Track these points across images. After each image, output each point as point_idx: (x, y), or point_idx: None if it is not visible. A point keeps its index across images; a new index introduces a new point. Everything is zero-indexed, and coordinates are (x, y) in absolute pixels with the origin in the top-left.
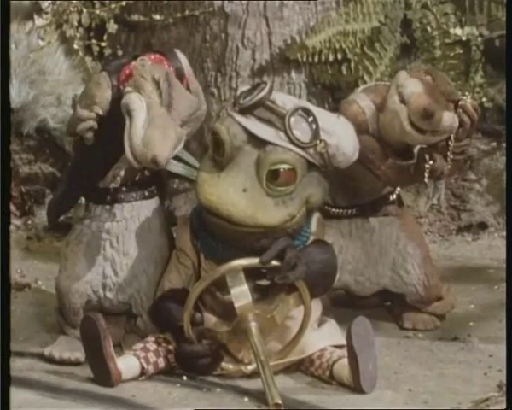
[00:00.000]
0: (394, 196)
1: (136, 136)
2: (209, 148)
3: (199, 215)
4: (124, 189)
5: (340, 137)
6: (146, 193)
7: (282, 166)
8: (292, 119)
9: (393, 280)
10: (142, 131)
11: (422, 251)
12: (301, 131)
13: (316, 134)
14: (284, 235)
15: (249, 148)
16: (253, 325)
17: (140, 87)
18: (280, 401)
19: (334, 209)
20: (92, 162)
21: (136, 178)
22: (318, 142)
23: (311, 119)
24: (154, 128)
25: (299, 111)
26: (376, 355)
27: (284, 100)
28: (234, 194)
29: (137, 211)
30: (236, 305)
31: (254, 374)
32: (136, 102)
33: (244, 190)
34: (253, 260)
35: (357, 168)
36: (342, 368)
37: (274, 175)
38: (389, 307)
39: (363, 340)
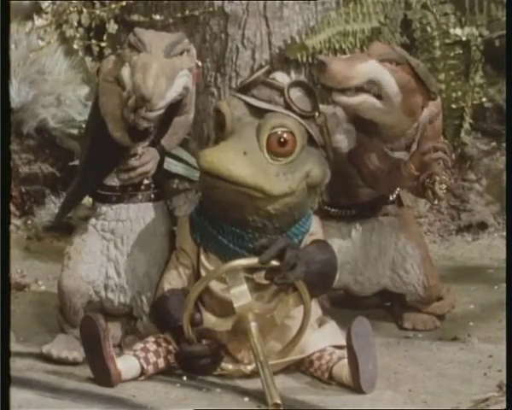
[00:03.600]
0: (394, 196)
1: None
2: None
3: (199, 212)
4: (130, 189)
5: (339, 117)
6: (152, 195)
7: (282, 130)
8: (291, 90)
9: (393, 280)
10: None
11: (422, 251)
12: (300, 101)
13: (315, 106)
14: (285, 211)
15: (250, 119)
16: (253, 325)
17: (123, 58)
18: (279, 401)
19: (333, 209)
20: (102, 157)
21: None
22: (317, 114)
23: (310, 93)
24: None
25: (299, 85)
26: (376, 355)
27: (284, 77)
28: (234, 156)
29: (143, 212)
30: (236, 305)
31: (254, 374)
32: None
33: (244, 153)
34: (252, 260)
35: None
36: (342, 369)
37: (274, 139)
38: (389, 307)
39: (363, 340)
